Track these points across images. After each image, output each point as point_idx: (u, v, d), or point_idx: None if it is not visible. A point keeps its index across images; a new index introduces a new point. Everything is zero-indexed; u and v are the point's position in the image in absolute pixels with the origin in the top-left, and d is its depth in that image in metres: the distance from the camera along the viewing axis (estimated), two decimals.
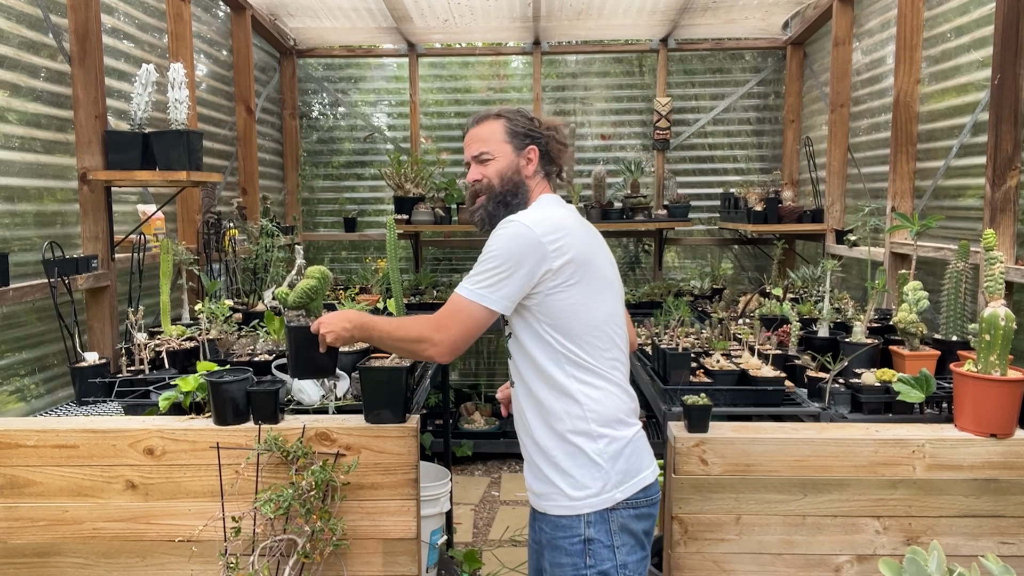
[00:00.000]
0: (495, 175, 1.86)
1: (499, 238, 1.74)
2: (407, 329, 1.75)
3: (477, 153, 1.89)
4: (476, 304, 1.70)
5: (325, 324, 1.80)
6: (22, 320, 2.53)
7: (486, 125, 1.90)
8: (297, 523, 1.91)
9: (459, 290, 1.73)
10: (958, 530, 1.99)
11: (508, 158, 1.87)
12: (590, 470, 1.73)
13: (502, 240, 1.73)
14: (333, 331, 1.79)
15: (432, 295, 4.64)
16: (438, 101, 5.45)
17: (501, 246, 1.72)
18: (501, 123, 1.89)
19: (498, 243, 1.73)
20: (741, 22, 4.83)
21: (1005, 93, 2.54)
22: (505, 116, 1.90)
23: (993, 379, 1.95)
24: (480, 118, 1.92)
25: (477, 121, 1.92)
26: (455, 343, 1.72)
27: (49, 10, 2.63)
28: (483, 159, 1.88)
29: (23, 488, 1.99)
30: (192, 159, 2.70)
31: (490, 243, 1.74)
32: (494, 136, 1.89)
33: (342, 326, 1.79)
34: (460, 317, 1.71)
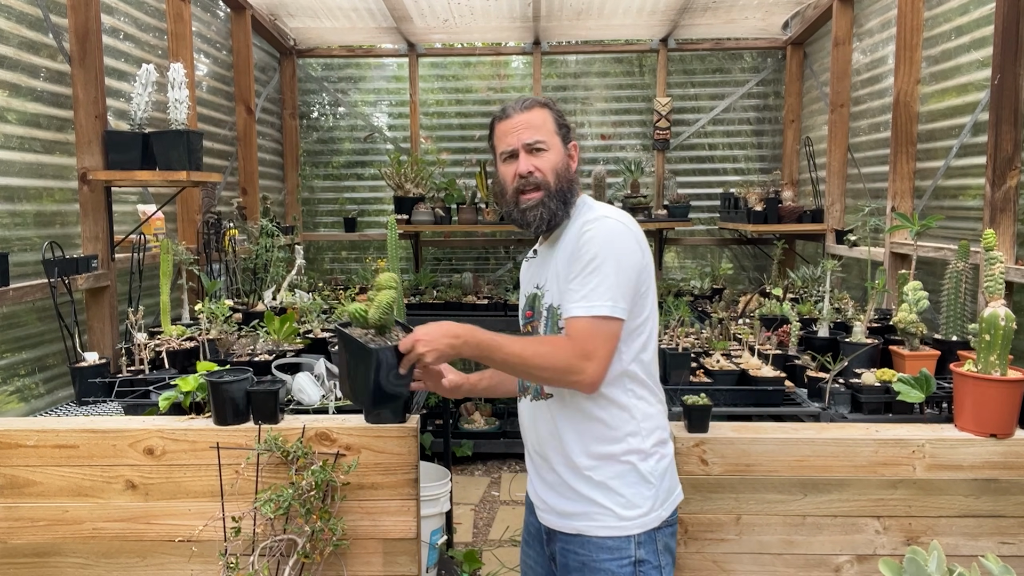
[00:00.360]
0: (550, 169, 1.67)
1: (598, 240, 1.57)
2: (548, 356, 1.52)
3: (531, 141, 1.67)
4: (616, 320, 1.54)
5: (425, 341, 1.50)
6: (22, 320, 2.53)
7: (537, 112, 1.70)
8: (297, 523, 1.91)
9: (591, 309, 1.53)
10: (958, 530, 1.99)
11: (559, 152, 1.70)
12: (641, 488, 1.64)
13: (604, 241, 1.57)
14: (435, 349, 1.51)
15: (432, 295, 4.64)
16: (438, 101, 5.45)
17: (607, 248, 1.56)
18: (549, 113, 1.71)
19: (601, 245, 1.56)
20: (741, 22, 4.83)
21: (1005, 93, 2.54)
22: (550, 106, 1.73)
23: (993, 379, 1.95)
24: (528, 104, 1.71)
25: (526, 107, 1.70)
26: (604, 371, 1.55)
27: (49, 10, 2.63)
28: (538, 148, 1.67)
29: (23, 488, 1.99)
30: (192, 159, 2.70)
31: (589, 247, 1.57)
32: (546, 125, 1.70)
33: (446, 342, 1.52)
34: (607, 338, 1.54)
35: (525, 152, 1.68)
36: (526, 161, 1.67)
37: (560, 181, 1.67)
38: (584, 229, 1.60)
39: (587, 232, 1.59)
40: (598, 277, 1.55)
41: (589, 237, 1.58)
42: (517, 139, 1.68)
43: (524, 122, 1.68)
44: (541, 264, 1.77)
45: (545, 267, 1.74)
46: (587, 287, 1.55)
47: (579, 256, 1.58)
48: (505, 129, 1.70)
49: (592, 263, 1.56)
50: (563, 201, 1.68)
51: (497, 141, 1.74)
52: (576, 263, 1.59)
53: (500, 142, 1.72)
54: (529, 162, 1.67)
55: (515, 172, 1.68)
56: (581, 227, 1.62)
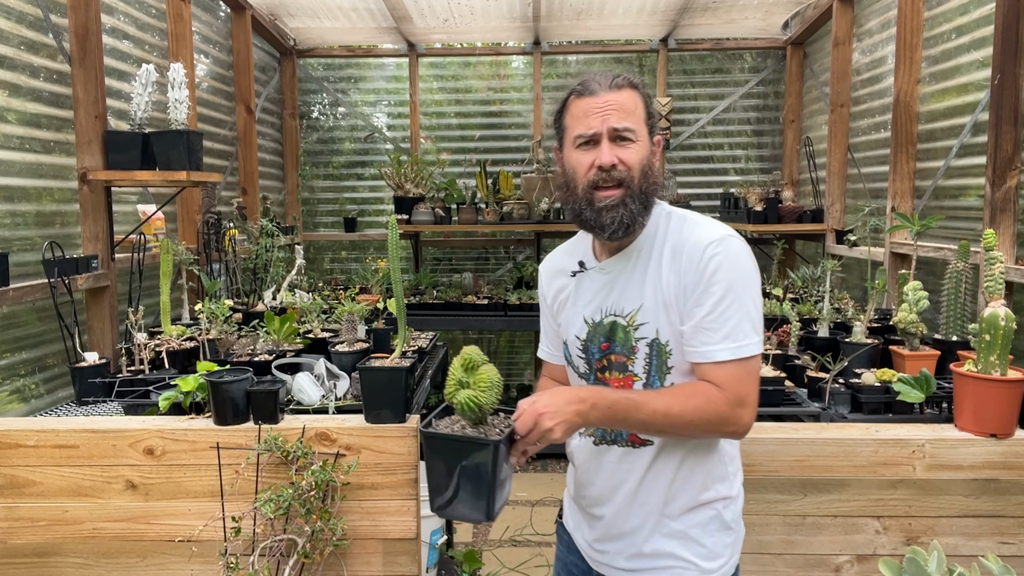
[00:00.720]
0: (637, 164, 1.41)
1: (730, 265, 1.37)
2: (701, 411, 1.34)
3: (620, 127, 1.40)
4: (759, 356, 1.39)
5: (551, 413, 1.28)
6: (22, 320, 2.53)
7: (628, 94, 1.43)
8: (297, 523, 1.91)
9: (739, 350, 1.35)
10: (958, 530, 1.99)
11: (646, 146, 1.44)
12: (723, 536, 1.50)
13: (736, 266, 1.38)
14: (564, 420, 1.28)
15: (432, 295, 4.64)
16: (438, 101, 5.45)
17: (741, 274, 1.38)
18: (640, 97, 1.44)
19: (735, 272, 1.37)
20: (741, 22, 4.83)
21: (1005, 93, 2.54)
22: (641, 89, 1.46)
23: (993, 379, 1.95)
24: (620, 82, 1.43)
25: (617, 84, 1.42)
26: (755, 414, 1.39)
27: (49, 10, 2.63)
28: (626, 138, 1.40)
29: (23, 488, 1.99)
30: (192, 159, 2.70)
31: (722, 275, 1.36)
32: (637, 111, 1.43)
33: (573, 410, 1.30)
34: (755, 378, 1.38)
35: (610, 140, 1.40)
36: (610, 151, 1.40)
37: (645, 180, 1.43)
38: (710, 253, 1.37)
39: (715, 256, 1.37)
40: (739, 311, 1.36)
41: (719, 263, 1.36)
42: (603, 122, 1.40)
43: (614, 103, 1.40)
44: (614, 284, 1.49)
45: (626, 288, 1.48)
46: (728, 324, 1.35)
47: (708, 285, 1.36)
48: (587, 108, 1.42)
49: (729, 294, 1.36)
50: (644, 204, 1.43)
51: (572, 121, 1.45)
52: (704, 294, 1.37)
53: (577, 122, 1.43)
54: (614, 152, 1.40)
55: (593, 162, 1.41)
56: (702, 250, 1.38)
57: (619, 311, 1.48)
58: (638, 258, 1.47)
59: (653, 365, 1.45)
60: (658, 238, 1.47)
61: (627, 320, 1.46)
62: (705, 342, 1.37)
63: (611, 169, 1.40)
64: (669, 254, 1.44)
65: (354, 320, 2.65)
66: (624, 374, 1.48)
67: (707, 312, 1.36)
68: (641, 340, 1.45)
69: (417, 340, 2.90)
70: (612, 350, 1.48)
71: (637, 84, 1.45)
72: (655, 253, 1.46)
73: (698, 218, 1.48)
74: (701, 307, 1.37)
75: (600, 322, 1.50)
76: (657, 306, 1.43)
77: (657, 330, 1.43)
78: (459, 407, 1.34)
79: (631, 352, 1.46)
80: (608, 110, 1.40)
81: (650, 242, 1.47)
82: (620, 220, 1.41)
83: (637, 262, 1.47)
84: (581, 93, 1.44)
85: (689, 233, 1.43)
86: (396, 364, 2.14)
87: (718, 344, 1.36)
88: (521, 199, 4.68)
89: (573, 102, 1.45)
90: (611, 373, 1.50)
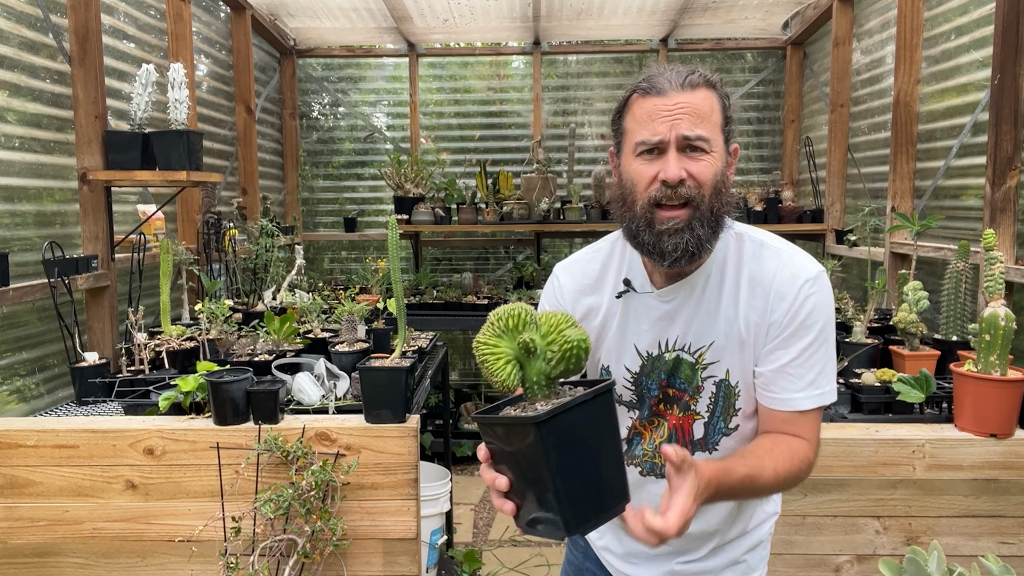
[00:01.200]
0: (709, 180, 1.20)
1: (823, 307, 1.24)
2: (801, 470, 1.22)
3: (692, 135, 1.18)
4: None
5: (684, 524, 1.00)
6: (22, 320, 2.53)
7: (704, 95, 1.21)
8: (297, 523, 1.91)
9: (821, 398, 1.25)
10: (958, 530, 1.99)
11: (721, 157, 1.22)
12: (762, 551, 1.45)
13: (828, 306, 1.25)
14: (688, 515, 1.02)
15: (432, 295, 4.64)
16: (438, 101, 5.45)
17: (830, 316, 1.25)
18: (717, 98, 1.23)
19: (826, 313, 1.24)
20: (741, 22, 4.83)
21: (1005, 93, 2.54)
22: (718, 88, 1.25)
23: (993, 379, 1.95)
24: (694, 80, 1.20)
25: (691, 83, 1.20)
26: None
27: (49, 10, 2.63)
28: (698, 148, 1.19)
29: (23, 488, 1.99)
30: (192, 159, 2.70)
31: (814, 317, 1.23)
32: (713, 116, 1.21)
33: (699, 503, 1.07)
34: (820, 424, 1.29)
35: (678, 150, 1.18)
36: (678, 163, 1.18)
37: (717, 199, 1.21)
38: (805, 292, 1.23)
39: (810, 297, 1.23)
40: (824, 356, 1.25)
41: (814, 304, 1.23)
42: (671, 128, 1.18)
43: (686, 105, 1.18)
44: (676, 315, 1.30)
45: (692, 321, 1.30)
46: (813, 369, 1.24)
47: (800, 329, 1.23)
48: (653, 110, 1.20)
49: (819, 339, 1.24)
50: (715, 228, 1.22)
51: (633, 123, 1.24)
52: (794, 337, 1.23)
53: (640, 126, 1.21)
54: (682, 165, 1.18)
55: (657, 175, 1.19)
56: (796, 289, 1.23)
57: (685, 346, 1.31)
58: (706, 286, 1.29)
59: (719, 406, 1.32)
60: (729, 265, 1.29)
61: (695, 357, 1.30)
62: (787, 388, 1.25)
63: (678, 185, 1.18)
64: (747, 286, 1.26)
65: (354, 320, 2.65)
66: (686, 413, 1.34)
67: (794, 357, 1.24)
68: (709, 379, 1.31)
69: (417, 340, 2.90)
70: (673, 385, 1.34)
71: (715, 83, 1.24)
72: (728, 282, 1.28)
73: (778, 244, 1.29)
74: (787, 351, 1.24)
75: (660, 356, 1.33)
76: (730, 345, 1.28)
77: (728, 371, 1.29)
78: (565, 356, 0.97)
79: (696, 391, 1.32)
80: (678, 114, 1.18)
81: (720, 269, 1.29)
82: (684, 247, 1.19)
83: (705, 291, 1.29)
84: (647, 91, 1.22)
85: (773, 265, 1.26)
86: (396, 364, 2.14)
87: (802, 392, 1.24)
88: (521, 199, 4.68)
89: (636, 101, 1.24)
90: (670, 408, 1.35)
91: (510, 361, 0.99)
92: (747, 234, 1.31)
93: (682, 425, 1.35)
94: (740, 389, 1.30)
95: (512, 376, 0.98)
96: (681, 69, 1.22)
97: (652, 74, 1.24)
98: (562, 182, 4.95)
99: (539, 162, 4.76)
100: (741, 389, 1.30)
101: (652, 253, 1.23)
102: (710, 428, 1.33)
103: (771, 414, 1.28)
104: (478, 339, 0.99)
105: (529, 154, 5.26)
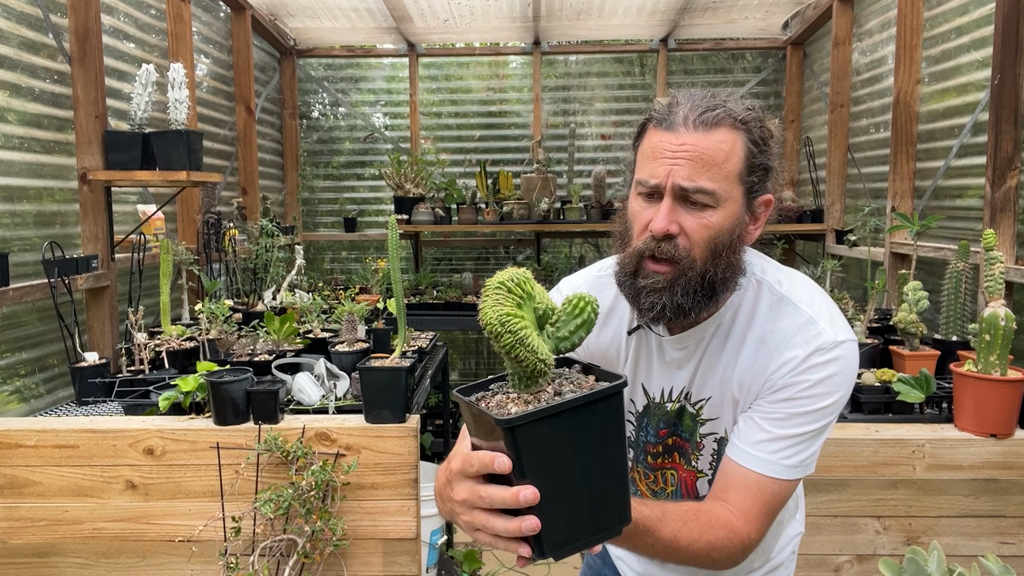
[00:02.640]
0: (704, 241, 1.06)
1: (838, 382, 1.09)
2: (706, 535, 1.05)
3: (688, 186, 1.03)
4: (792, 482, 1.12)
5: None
6: (22, 320, 2.53)
7: (721, 136, 1.04)
8: (297, 523, 1.91)
9: (776, 466, 1.09)
10: (958, 530, 1.99)
11: (733, 213, 1.07)
12: (792, 564, 1.38)
13: (845, 383, 1.10)
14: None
15: (432, 295, 4.64)
16: (438, 101, 5.45)
17: (844, 395, 1.11)
18: (741, 140, 1.06)
19: (840, 391, 1.10)
20: (741, 22, 4.83)
21: (1005, 93, 2.54)
22: (749, 128, 1.07)
23: (993, 379, 1.95)
24: (714, 118, 1.04)
25: (705, 122, 1.04)
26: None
27: (49, 10, 2.63)
28: (697, 202, 1.05)
29: (23, 488, 1.99)
30: (192, 159, 2.70)
31: (823, 390, 1.08)
32: (728, 164, 1.04)
33: None
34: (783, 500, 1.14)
35: (674, 199, 1.05)
36: (669, 215, 1.04)
37: (714, 263, 1.07)
38: (814, 360, 1.08)
39: (820, 366, 1.08)
40: (820, 434, 1.11)
41: (824, 376, 1.08)
42: (669, 173, 1.04)
43: (692, 149, 1.03)
44: (683, 363, 1.20)
45: (696, 373, 1.20)
46: (799, 444, 1.09)
47: (795, 395, 1.09)
48: (658, 146, 1.07)
49: (820, 413, 1.09)
50: (708, 293, 1.08)
51: (641, 155, 1.11)
52: (786, 402, 1.10)
53: (644, 160, 1.09)
54: (673, 218, 1.05)
55: (647, 223, 1.07)
56: (805, 355, 1.09)
57: (688, 397, 1.21)
58: (712, 337, 1.17)
59: (715, 465, 1.21)
60: (741, 317, 1.16)
61: (696, 410, 1.20)
62: (744, 436, 1.12)
63: (663, 240, 1.05)
64: (753, 344, 1.13)
65: (354, 320, 2.65)
66: (688, 467, 1.24)
67: (781, 419, 1.09)
68: (709, 436, 1.21)
69: (417, 340, 2.90)
70: (676, 434, 1.24)
71: (746, 121, 1.06)
72: (734, 337, 1.16)
73: (802, 299, 1.13)
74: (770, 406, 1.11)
75: (661, 404, 1.23)
76: (725, 402, 1.17)
77: (726, 429, 1.19)
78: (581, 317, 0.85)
79: (696, 448, 1.22)
80: (681, 156, 1.03)
81: (731, 320, 1.16)
82: (660, 310, 1.07)
83: (711, 343, 1.17)
84: (659, 122, 1.08)
85: (788, 325, 1.11)
86: (396, 364, 2.14)
87: (757, 447, 1.10)
88: (521, 199, 4.68)
89: (649, 131, 1.11)
90: (672, 460, 1.25)
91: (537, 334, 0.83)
92: (767, 283, 1.15)
93: (686, 479, 1.26)
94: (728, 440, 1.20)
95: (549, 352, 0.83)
96: (703, 102, 1.06)
97: (672, 101, 1.10)
98: (562, 182, 4.95)
99: (539, 162, 4.76)
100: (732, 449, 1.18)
101: (632, 304, 1.13)
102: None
103: (721, 466, 1.14)
104: (507, 312, 0.80)
105: (529, 154, 5.26)
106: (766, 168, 1.08)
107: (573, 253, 5.42)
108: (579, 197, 4.77)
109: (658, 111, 1.10)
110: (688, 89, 1.12)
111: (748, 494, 1.08)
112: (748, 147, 1.06)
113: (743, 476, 1.09)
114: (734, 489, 1.10)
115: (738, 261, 1.10)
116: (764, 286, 1.16)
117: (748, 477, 1.09)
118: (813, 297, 1.14)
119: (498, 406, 0.81)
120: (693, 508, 1.07)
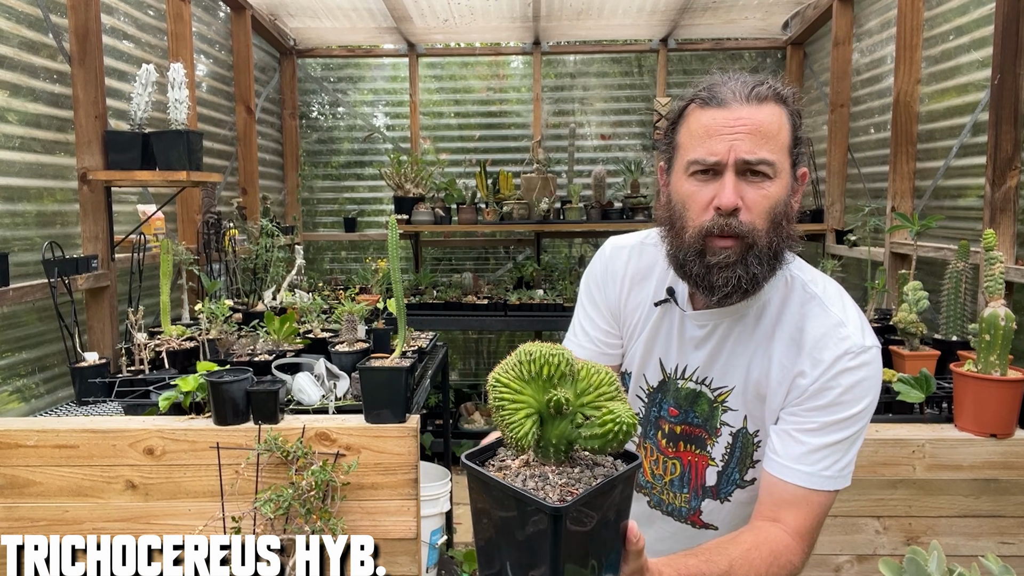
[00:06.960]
0: (767, 211, 1.07)
1: (868, 387, 1.10)
2: (773, 570, 1.05)
3: (753, 159, 1.05)
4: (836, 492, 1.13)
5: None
6: (22, 320, 2.53)
7: (771, 109, 1.08)
8: (297, 523, 1.91)
9: (837, 482, 1.11)
10: (958, 530, 2.00)
11: (786, 184, 1.09)
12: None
13: (874, 388, 1.11)
14: None
15: (432, 295, 4.64)
16: (438, 101, 5.45)
17: (874, 399, 1.11)
18: (786, 115, 1.10)
19: (870, 395, 1.10)
20: (741, 22, 4.83)
21: (1005, 93, 2.54)
22: (789, 102, 1.12)
23: (993, 379, 1.95)
24: (762, 93, 1.08)
25: (758, 96, 1.07)
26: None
27: (49, 10, 2.63)
28: (760, 172, 1.06)
29: (23, 488, 1.99)
30: (192, 159, 2.70)
31: (853, 395, 1.09)
32: (781, 136, 1.08)
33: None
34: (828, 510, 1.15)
35: (737, 173, 1.06)
36: (735, 189, 1.05)
37: (776, 233, 1.08)
38: (843, 364, 1.09)
39: (848, 371, 1.09)
40: (855, 441, 1.11)
41: (853, 382, 1.08)
42: (730, 148, 1.05)
43: (749, 122, 1.05)
44: (704, 344, 1.21)
45: (717, 357, 1.20)
46: (836, 453, 1.10)
47: (827, 404, 1.09)
48: (711, 124, 1.07)
49: (848, 422, 1.09)
50: (772, 265, 1.09)
51: (688, 138, 1.11)
52: (818, 410, 1.10)
53: (696, 142, 1.09)
54: (738, 192, 1.05)
55: (711, 200, 1.07)
56: (835, 358, 1.09)
57: (707, 381, 1.21)
58: (742, 324, 1.17)
59: (735, 456, 1.21)
60: (771, 310, 1.16)
61: (715, 396, 1.20)
62: (786, 453, 1.12)
63: (732, 214, 1.05)
64: (783, 341, 1.14)
65: (354, 320, 2.65)
66: (700, 452, 1.23)
67: (816, 428, 1.10)
68: (726, 425, 1.20)
69: (417, 340, 2.90)
70: (687, 420, 1.23)
71: (786, 97, 1.10)
72: (762, 330, 1.16)
73: (831, 299, 1.14)
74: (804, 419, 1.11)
75: (677, 382, 1.23)
76: (749, 394, 1.17)
77: (746, 418, 1.19)
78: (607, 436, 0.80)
79: (713, 433, 1.21)
80: (740, 131, 1.05)
81: (760, 311, 1.16)
82: (736, 284, 1.07)
83: (741, 330, 1.17)
84: (706, 102, 1.09)
85: (818, 325, 1.12)
86: (396, 364, 2.14)
87: (801, 463, 1.11)
88: (521, 199, 4.68)
89: (693, 112, 1.11)
90: (685, 447, 1.25)
91: (531, 416, 0.82)
92: (801, 280, 1.16)
93: (697, 464, 1.25)
94: (759, 439, 1.19)
95: (531, 435, 0.81)
96: (748, 79, 1.10)
97: (714, 82, 1.11)
98: (562, 182, 4.95)
99: (539, 162, 4.76)
100: (761, 439, 1.19)
101: (700, 286, 1.11)
102: (723, 478, 1.24)
103: (764, 482, 1.14)
104: (497, 376, 0.82)
105: (529, 154, 5.26)
106: (803, 143, 1.13)
107: (573, 253, 5.42)
108: (579, 197, 4.77)
109: (702, 93, 1.11)
110: (723, 73, 1.16)
111: (800, 511, 1.10)
112: (792, 121, 1.11)
113: (792, 494, 1.10)
114: (785, 508, 1.10)
115: (794, 231, 1.11)
116: (797, 283, 1.17)
117: (796, 494, 1.10)
118: (844, 301, 1.16)
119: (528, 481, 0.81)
120: (753, 544, 1.06)
